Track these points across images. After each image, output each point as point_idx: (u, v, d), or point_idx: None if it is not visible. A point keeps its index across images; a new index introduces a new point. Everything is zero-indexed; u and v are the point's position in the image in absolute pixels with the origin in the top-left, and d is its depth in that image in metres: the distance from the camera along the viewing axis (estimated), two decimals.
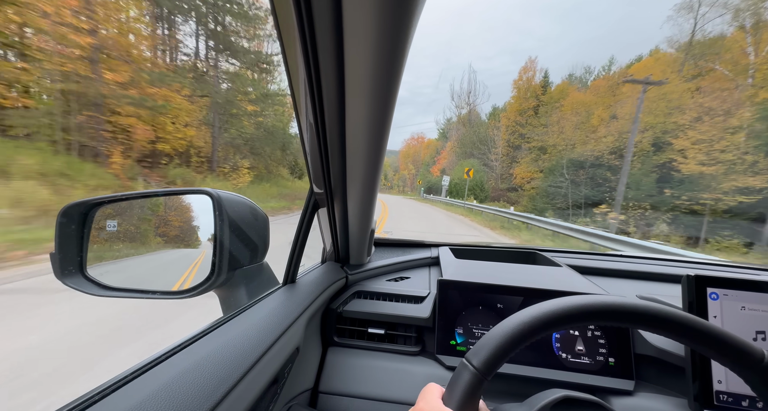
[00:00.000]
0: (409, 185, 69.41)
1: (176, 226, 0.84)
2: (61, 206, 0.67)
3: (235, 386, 0.45)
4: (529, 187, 31.37)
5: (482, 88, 61.72)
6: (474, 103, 49.71)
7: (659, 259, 1.37)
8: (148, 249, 0.82)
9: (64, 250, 0.67)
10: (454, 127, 50.31)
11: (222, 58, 18.89)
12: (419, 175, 57.22)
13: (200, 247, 0.75)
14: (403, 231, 9.67)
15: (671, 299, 0.90)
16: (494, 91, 66.14)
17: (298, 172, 24.55)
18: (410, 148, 76.01)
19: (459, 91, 51.58)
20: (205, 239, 0.73)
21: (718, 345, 0.37)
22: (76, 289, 0.67)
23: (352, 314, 1.00)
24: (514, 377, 0.83)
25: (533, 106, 36.34)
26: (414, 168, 69.17)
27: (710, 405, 0.68)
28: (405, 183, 75.14)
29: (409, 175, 71.99)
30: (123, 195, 0.74)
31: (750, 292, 0.72)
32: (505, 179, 36.56)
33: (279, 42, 0.46)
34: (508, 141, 37.71)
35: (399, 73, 0.46)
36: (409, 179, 70.91)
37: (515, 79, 39.21)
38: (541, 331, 0.39)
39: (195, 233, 0.79)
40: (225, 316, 0.63)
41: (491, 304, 0.92)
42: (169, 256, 0.81)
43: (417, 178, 58.86)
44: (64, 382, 1.84)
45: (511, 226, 12.81)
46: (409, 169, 71.52)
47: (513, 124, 37.17)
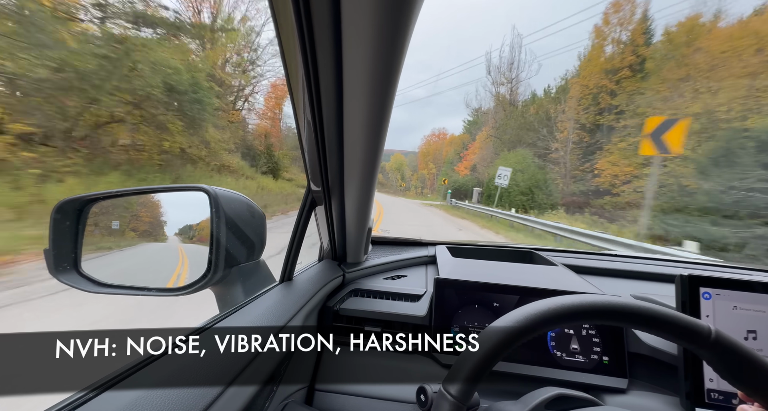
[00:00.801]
0: (429, 186, 60.11)
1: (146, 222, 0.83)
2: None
3: (231, 384, 0.45)
4: (628, 190, 16.65)
5: (529, 57, 43.88)
6: (518, 77, 32.51)
7: (654, 259, 1.38)
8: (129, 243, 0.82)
9: (59, 246, 0.67)
10: (491, 113, 35.39)
11: None
12: (441, 173, 47.57)
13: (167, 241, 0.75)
14: None
15: (665, 299, 0.91)
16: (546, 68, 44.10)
17: (268, 164, 18.80)
18: (431, 146, 64.56)
19: (498, 64, 33.81)
20: (172, 233, 0.73)
21: (669, 326, 0.39)
22: (71, 285, 0.66)
23: (348, 312, 1.00)
24: (508, 375, 0.83)
25: (630, 63, 20.80)
26: (435, 167, 59.07)
27: (701, 403, 0.69)
28: (424, 184, 65.68)
29: (429, 174, 62.46)
30: (118, 191, 0.74)
31: (742, 292, 0.73)
32: (576, 178, 21.75)
33: (277, 40, 0.46)
34: (578, 121, 22.52)
35: (397, 72, 0.46)
36: (429, 179, 61.78)
37: (597, 26, 23.02)
38: (514, 343, 0.40)
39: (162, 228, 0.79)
40: (221, 314, 0.63)
41: (487, 303, 0.93)
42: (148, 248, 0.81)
43: (439, 177, 49.07)
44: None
45: None
46: (429, 168, 61.33)
47: (591, 93, 22.20)
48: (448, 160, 47.58)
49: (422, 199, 43.72)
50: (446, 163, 47.60)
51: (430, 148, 63.86)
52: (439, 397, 0.39)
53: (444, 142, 59.59)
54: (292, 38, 0.43)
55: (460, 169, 40.62)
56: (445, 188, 34.18)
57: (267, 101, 23.94)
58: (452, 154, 46.95)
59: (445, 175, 42.67)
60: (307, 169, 0.75)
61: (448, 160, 47.21)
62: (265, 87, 23.65)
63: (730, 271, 1.28)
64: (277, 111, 24.81)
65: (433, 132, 68.50)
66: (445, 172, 43.95)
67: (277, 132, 24.02)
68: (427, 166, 62.84)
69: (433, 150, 62.36)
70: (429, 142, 66.08)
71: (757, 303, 0.72)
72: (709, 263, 1.34)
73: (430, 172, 60.76)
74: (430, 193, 49.25)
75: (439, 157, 57.57)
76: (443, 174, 44.80)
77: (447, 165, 46.71)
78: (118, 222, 0.79)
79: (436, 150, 61.16)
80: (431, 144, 64.63)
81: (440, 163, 55.71)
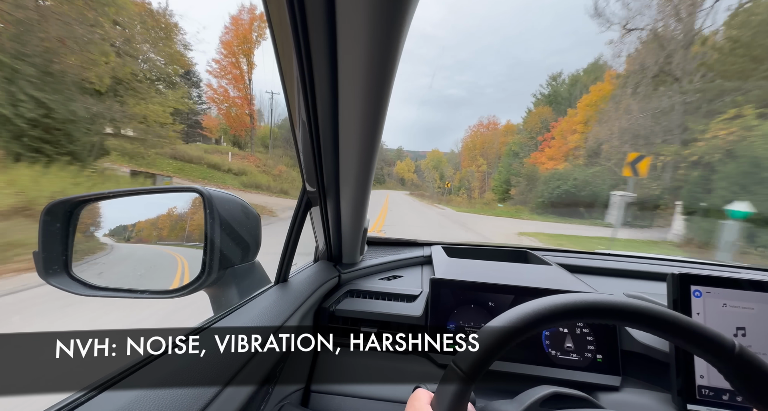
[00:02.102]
0: (480, 188, 45.46)
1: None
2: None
3: (227, 385, 0.44)
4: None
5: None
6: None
7: (645, 258, 1.40)
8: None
9: (48, 248, 0.66)
10: (639, 57, 18.01)
11: None
12: (499, 169, 36.63)
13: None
14: None
15: (656, 297, 0.92)
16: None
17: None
18: (477, 138, 51.26)
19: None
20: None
21: (693, 338, 0.38)
22: (61, 288, 0.65)
23: (344, 313, 1.00)
24: (503, 374, 0.84)
25: None
26: (485, 162, 45.83)
27: (693, 399, 0.70)
28: (469, 184, 48.83)
29: (478, 171, 47.38)
30: (109, 193, 0.73)
31: (731, 289, 0.74)
32: None
33: (272, 40, 0.46)
34: None
35: (393, 71, 0.46)
36: (479, 177, 46.76)
37: None
38: (528, 331, 0.40)
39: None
40: (216, 316, 0.62)
41: (483, 303, 0.93)
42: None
43: (494, 174, 38.39)
44: None
45: None
46: (479, 163, 46.74)
47: None
48: (509, 153, 36.87)
49: (489, 211, 24.74)
50: (506, 155, 37.32)
51: (477, 140, 50.55)
52: (448, 372, 0.39)
53: (496, 132, 48.02)
54: (287, 38, 0.43)
55: (541, 160, 27.85)
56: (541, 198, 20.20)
57: None
58: (514, 146, 36.38)
59: (505, 171, 33.60)
60: (303, 170, 0.75)
61: (510, 152, 36.72)
62: None
63: (720, 269, 1.31)
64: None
65: (481, 122, 53.78)
66: (504, 168, 34.89)
67: None
68: (475, 161, 48.46)
69: (480, 143, 49.12)
70: (475, 134, 52.44)
71: (745, 300, 0.73)
72: (699, 262, 1.36)
73: (480, 169, 46.67)
74: (500, 203, 31.41)
75: (491, 149, 46.26)
76: (502, 169, 35.33)
77: (508, 157, 36.44)
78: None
79: (485, 142, 48.26)
80: (479, 136, 51.26)
81: (492, 157, 44.99)
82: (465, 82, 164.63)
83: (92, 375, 0.38)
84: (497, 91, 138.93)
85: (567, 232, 12.25)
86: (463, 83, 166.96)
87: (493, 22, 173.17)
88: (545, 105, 36.64)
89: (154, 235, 0.80)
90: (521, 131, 39.86)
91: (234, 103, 29.69)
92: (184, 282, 0.68)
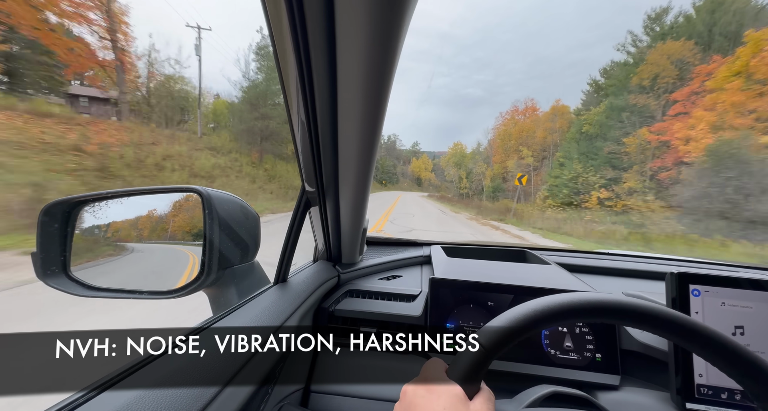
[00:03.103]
0: (523, 188, 29.79)
1: None
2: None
3: (226, 386, 0.44)
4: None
5: None
6: None
7: (643, 257, 1.40)
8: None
9: (47, 249, 0.65)
10: None
11: None
12: (556, 162, 26.89)
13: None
14: None
15: (655, 296, 0.92)
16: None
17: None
18: (510, 125, 41.34)
19: None
20: None
21: (728, 355, 0.37)
22: (60, 289, 0.65)
23: (344, 313, 1.00)
24: (503, 373, 0.84)
25: None
26: (530, 152, 35.18)
27: (692, 398, 0.70)
28: (509, 182, 36.69)
29: (515, 164, 36.22)
30: (108, 193, 0.72)
31: (730, 288, 0.74)
32: None
33: (270, 40, 0.46)
34: None
35: (392, 71, 0.46)
36: (521, 170, 33.74)
37: None
38: (552, 321, 0.39)
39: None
40: (215, 316, 0.62)
41: (482, 302, 0.93)
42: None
43: (553, 167, 27.48)
44: None
45: None
46: (522, 155, 35.83)
47: None
48: (573, 138, 26.18)
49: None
50: (571, 142, 26.23)
51: (513, 129, 40.37)
52: (467, 344, 0.39)
53: (534, 118, 38.77)
54: (286, 37, 0.43)
55: (680, 133, 16.17)
56: None
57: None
58: (591, 122, 24.79)
59: (575, 163, 23.21)
60: (302, 170, 0.75)
61: (575, 137, 25.82)
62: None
63: (719, 268, 1.31)
64: None
65: (516, 107, 42.76)
66: (566, 156, 25.06)
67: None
68: (517, 151, 37.41)
69: (517, 131, 39.20)
70: (508, 123, 42.38)
71: (744, 299, 0.73)
72: (697, 261, 1.37)
73: (522, 162, 35.04)
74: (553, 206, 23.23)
75: (532, 139, 36.37)
76: (564, 161, 24.89)
77: (574, 143, 25.30)
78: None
79: (522, 130, 38.53)
80: (513, 123, 41.04)
81: (535, 148, 35.35)
82: (483, 81, 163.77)
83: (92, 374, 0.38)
84: (516, 90, 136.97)
85: None
86: (481, 82, 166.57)
87: (513, 19, 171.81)
88: (669, 40, 22.09)
89: (160, 235, 0.80)
90: (581, 112, 28.74)
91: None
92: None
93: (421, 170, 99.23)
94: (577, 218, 18.69)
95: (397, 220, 13.50)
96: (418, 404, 0.36)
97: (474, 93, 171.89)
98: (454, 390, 0.35)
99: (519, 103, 45.07)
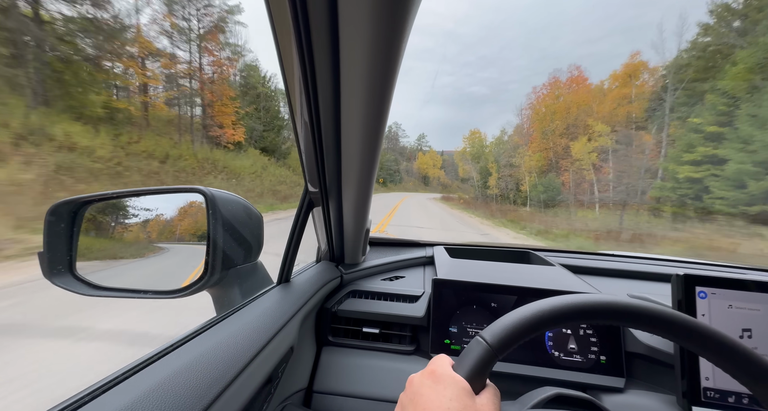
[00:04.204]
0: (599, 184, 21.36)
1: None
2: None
3: (229, 386, 0.44)
4: None
5: None
6: None
7: (649, 259, 1.39)
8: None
9: (53, 249, 0.66)
10: None
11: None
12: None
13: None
14: None
15: (661, 298, 0.91)
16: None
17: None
18: (551, 102, 31.32)
19: None
20: None
21: (740, 360, 0.36)
22: (66, 288, 0.66)
23: (346, 314, 1.00)
24: (507, 375, 0.83)
25: None
26: (606, 127, 23.04)
27: (698, 401, 0.70)
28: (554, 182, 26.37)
29: (582, 149, 23.99)
30: (113, 193, 0.73)
31: (737, 290, 0.73)
32: None
33: (274, 41, 0.46)
34: None
35: (395, 72, 0.46)
36: (590, 163, 23.21)
37: None
38: (559, 322, 0.38)
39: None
40: (218, 316, 0.62)
41: (485, 303, 0.93)
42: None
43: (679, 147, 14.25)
44: None
45: None
46: (592, 131, 24.22)
47: None
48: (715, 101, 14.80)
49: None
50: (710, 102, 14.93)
51: (559, 105, 29.56)
52: (473, 343, 0.39)
53: (587, 89, 28.43)
54: (289, 39, 0.43)
55: None
56: None
57: None
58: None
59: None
60: (305, 171, 0.75)
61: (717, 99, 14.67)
62: None
63: (725, 270, 1.29)
64: None
65: (555, 79, 31.64)
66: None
67: None
68: (587, 128, 26.03)
69: (565, 106, 28.52)
70: (545, 98, 31.05)
71: (751, 302, 0.72)
72: (704, 263, 1.35)
73: (596, 142, 23.82)
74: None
75: (589, 114, 26.31)
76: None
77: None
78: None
79: (571, 105, 28.20)
80: (555, 99, 30.33)
81: (613, 121, 24.14)
82: (488, 79, 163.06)
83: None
84: (522, 87, 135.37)
85: None
86: (486, 80, 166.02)
87: (518, 15, 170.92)
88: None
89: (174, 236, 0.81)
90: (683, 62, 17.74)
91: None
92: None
93: (428, 167, 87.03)
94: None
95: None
96: (424, 394, 0.36)
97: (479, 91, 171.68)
98: (460, 382, 0.35)
99: (560, 73, 32.83)
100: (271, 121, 27.35)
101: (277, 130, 27.11)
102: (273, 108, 28.23)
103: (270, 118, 27.36)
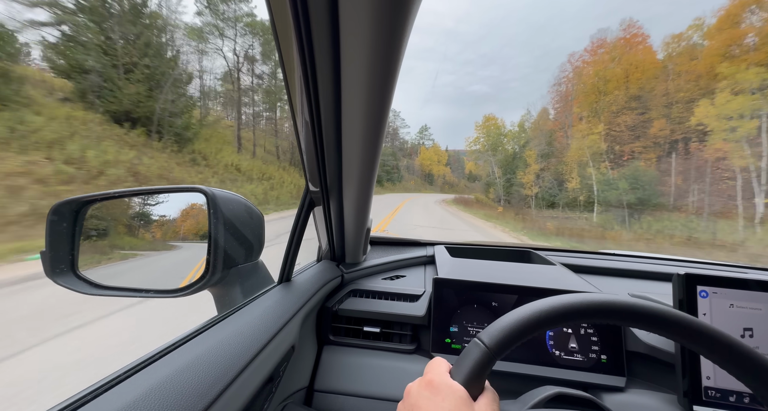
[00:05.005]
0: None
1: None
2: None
3: (230, 385, 0.45)
4: None
5: None
6: None
7: (650, 258, 1.39)
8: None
9: (55, 248, 0.66)
10: None
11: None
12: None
13: None
14: None
15: (662, 297, 0.91)
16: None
17: None
18: (604, 70, 22.86)
19: None
20: None
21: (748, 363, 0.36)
22: (68, 287, 0.66)
23: (347, 313, 1.00)
24: (507, 374, 0.83)
25: None
26: (760, 74, 12.36)
27: (699, 400, 0.69)
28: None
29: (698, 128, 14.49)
30: (115, 192, 0.73)
31: (738, 290, 0.73)
32: None
33: (275, 40, 0.46)
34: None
35: (395, 71, 0.46)
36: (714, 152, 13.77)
37: None
38: (558, 322, 0.38)
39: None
40: (219, 315, 0.63)
41: (486, 303, 0.93)
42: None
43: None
44: None
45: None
46: (746, 77, 12.62)
47: None
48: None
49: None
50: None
51: (611, 74, 23.05)
52: (471, 345, 0.39)
53: (644, 50, 22.53)
54: (290, 38, 0.43)
55: None
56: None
57: None
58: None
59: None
60: (306, 170, 0.75)
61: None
62: None
63: (727, 269, 1.29)
64: None
65: (599, 40, 25.30)
66: None
67: None
68: (655, 94, 19.74)
69: (619, 75, 22.61)
70: (589, 65, 24.74)
71: (753, 301, 0.72)
72: (705, 262, 1.35)
73: (752, 99, 13.35)
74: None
75: (654, 81, 20.54)
76: None
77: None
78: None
79: (632, 67, 22.35)
80: (606, 65, 23.47)
81: (679, 95, 19.13)
82: (489, 77, 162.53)
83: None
84: (523, 85, 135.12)
85: None
86: (487, 78, 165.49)
87: (519, 12, 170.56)
88: None
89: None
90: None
91: None
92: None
93: (432, 163, 73.83)
94: None
95: None
96: (422, 405, 0.36)
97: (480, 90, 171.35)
98: (458, 391, 0.35)
99: (607, 33, 24.26)
100: (153, 71, 14.83)
101: (152, 82, 14.13)
102: (154, 43, 15.59)
103: (146, 56, 14.64)
